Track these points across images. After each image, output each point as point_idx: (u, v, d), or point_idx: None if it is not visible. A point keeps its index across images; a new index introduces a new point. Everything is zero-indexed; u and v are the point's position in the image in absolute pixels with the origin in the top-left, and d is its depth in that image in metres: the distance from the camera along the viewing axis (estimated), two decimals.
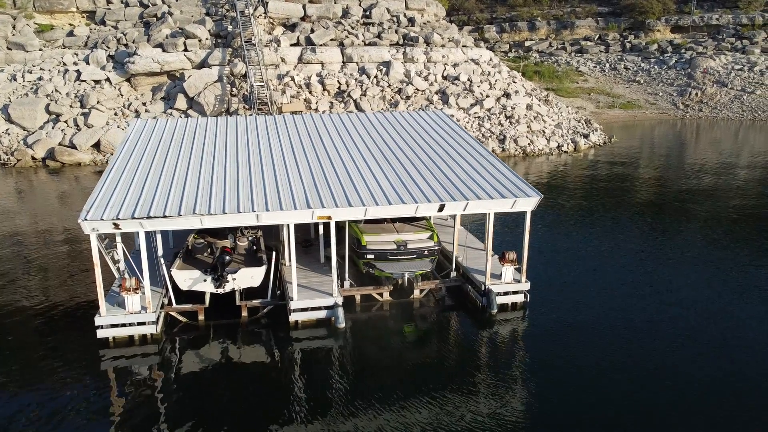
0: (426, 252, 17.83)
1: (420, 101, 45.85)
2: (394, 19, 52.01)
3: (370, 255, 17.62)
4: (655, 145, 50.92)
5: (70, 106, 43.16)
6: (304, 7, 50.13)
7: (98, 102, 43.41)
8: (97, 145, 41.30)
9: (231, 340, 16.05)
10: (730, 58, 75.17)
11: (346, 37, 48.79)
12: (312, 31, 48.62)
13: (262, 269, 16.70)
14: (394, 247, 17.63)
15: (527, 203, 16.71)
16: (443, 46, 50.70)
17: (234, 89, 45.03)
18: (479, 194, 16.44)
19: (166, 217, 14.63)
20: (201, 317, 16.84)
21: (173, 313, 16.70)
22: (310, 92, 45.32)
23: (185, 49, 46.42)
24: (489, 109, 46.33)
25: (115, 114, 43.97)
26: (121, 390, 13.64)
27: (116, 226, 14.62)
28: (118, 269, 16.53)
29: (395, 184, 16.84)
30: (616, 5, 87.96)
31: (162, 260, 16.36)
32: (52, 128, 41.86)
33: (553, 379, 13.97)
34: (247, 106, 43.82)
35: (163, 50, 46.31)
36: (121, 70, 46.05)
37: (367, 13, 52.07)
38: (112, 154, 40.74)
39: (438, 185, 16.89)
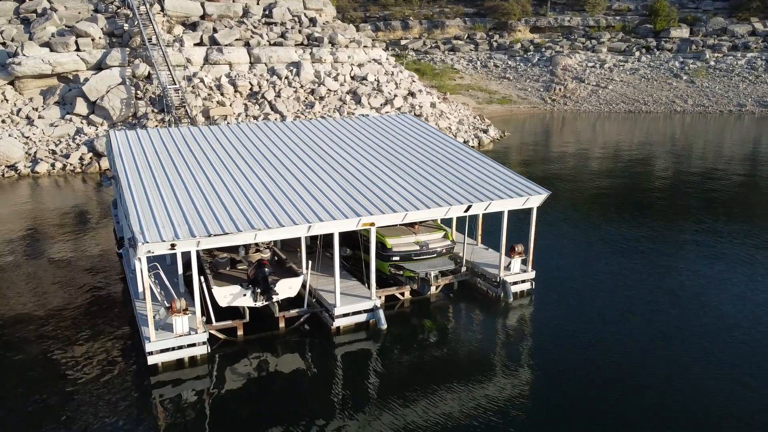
0: (444, 250, 19.02)
1: (333, 102, 46.44)
2: (296, 19, 51.93)
3: (396, 257, 18.43)
4: (543, 136, 55.90)
5: None
6: (202, 5, 48.42)
7: None
8: None
9: (277, 352, 16.07)
10: (584, 56, 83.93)
11: (251, 37, 47.96)
12: (215, 30, 47.17)
13: (299, 279, 16.86)
14: (417, 248, 18.60)
15: (536, 200, 18.50)
16: (347, 46, 51.59)
17: (139, 92, 42.54)
18: (499, 194, 17.93)
19: (226, 234, 14.39)
20: (240, 332, 16.62)
21: (212, 331, 16.30)
22: (222, 94, 44.05)
23: (77, 49, 42.96)
24: (399, 108, 48.11)
25: (3, 121, 39.61)
26: (182, 414, 13.29)
27: (173, 246, 14.12)
28: (161, 293, 15.80)
29: (423, 189, 17.79)
30: (480, 6, 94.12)
31: (202, 279, 15.91)
32: None
33: (573, 353, 15.89)
34: (156, 110, 41.65)
35: (52, 50, 42.47)
36: (2, 71, 41.47)
37: (267, 12, 51.47)
38: (8, 167, 36.94)
39: (459, 188, 18.10)
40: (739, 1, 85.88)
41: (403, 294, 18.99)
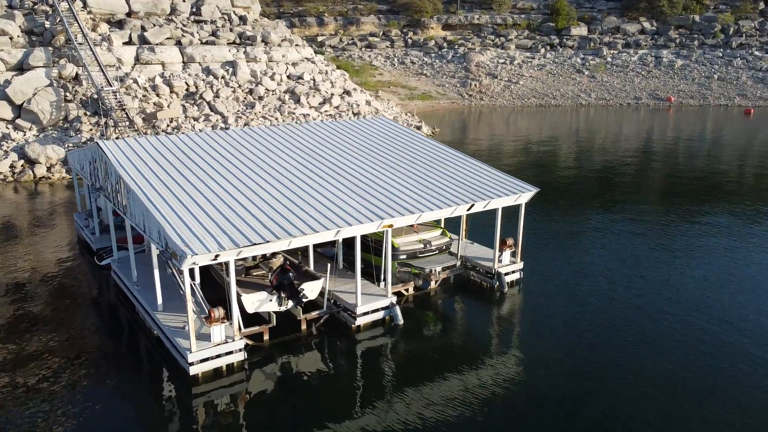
0: (445, 247, 20.21)
1: (273, 101, 46.26)
2: (226, 17, 51.01)
3: (403, 255, 19.39)
4: (471, 130, 58.43)
5: None
6: (127, 1, 46.47)
7: None
8: None
9: (305, 354, 16.57)
10: (495, 53, 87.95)
11: (183, 35, 46.69)
12: (144, 29, 45.48)
13: (320, 282, 17.43)
14: (422, 246, 19.66)
15: (526, 197, 20.11)
16: (280, 45, 51.39)
17: (68, 94, 40.34)
18: (497, 193, 19.34)
19: (267, 242, 14.75)
20: (266, 337, 16.95)
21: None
22: (158, 95, 42.67)
23: None
24: (337, 107, 48.68)
25: None
26: (234, 421, 13.65)
27: (216, 257, 14.31)
28: (196, 302, 15.81)
29: (429, 192, 18.84)
30: (393, 4, 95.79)
31: (234, 286, 16.09)
32: None
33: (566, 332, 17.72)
34: (89, 113, 39.73)
35: None
36: None
37: (195, 10, 50.17)
38: None
39: (460, 189, 19.32)
40: (630, 1, 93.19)
41: (407, 290, 19.99)
